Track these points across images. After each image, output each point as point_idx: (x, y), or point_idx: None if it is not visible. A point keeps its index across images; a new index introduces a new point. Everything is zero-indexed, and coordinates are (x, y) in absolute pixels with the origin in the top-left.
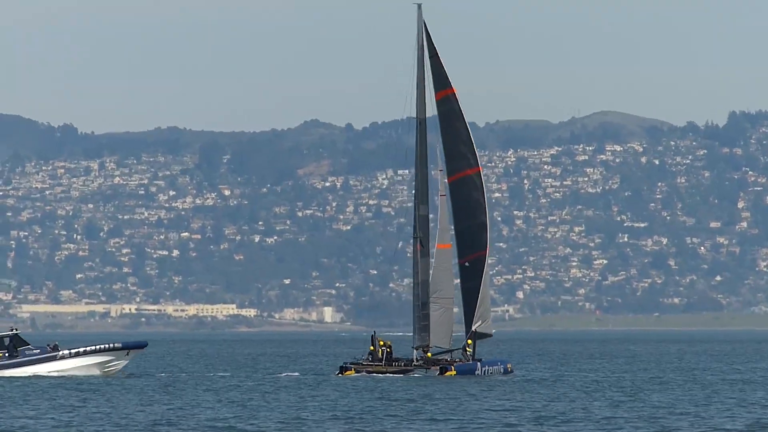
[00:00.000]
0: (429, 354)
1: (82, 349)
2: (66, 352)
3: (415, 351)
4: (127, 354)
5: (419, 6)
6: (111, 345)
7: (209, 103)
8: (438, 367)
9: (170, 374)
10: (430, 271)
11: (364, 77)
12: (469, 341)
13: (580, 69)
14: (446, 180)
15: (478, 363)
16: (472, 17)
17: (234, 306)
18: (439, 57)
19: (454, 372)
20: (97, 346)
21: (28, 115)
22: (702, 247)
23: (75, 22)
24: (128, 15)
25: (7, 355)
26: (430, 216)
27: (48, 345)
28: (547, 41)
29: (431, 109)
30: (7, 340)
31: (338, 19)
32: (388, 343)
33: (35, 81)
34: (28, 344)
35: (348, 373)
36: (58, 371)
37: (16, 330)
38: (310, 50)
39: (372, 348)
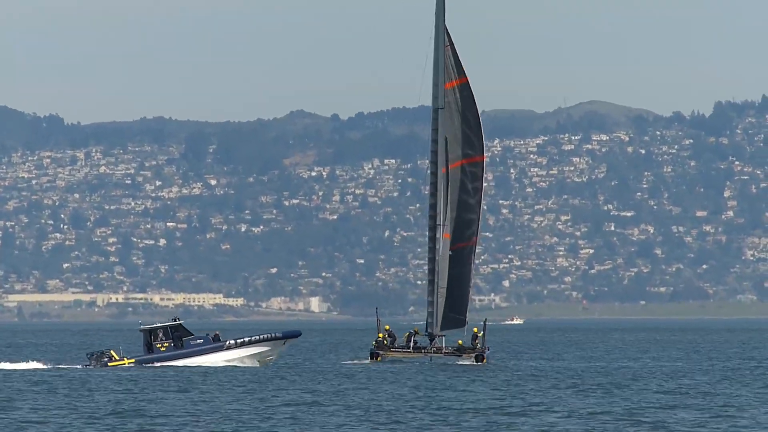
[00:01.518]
0: (460, 342)
1: (246, 339)
2: (231, 342)
3: (444, 339)
4: (284, 344)
5: None
6: (273, 335)
7: (195, 93)
8: (473, 355)
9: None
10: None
11: (350, 68)
12: (476, 329)
13: (566, 59)
14: (443, 169)
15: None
16: (457, 9)
17: (221, 295)
18: (454, 47)
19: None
20: (261, 336)
21: (14, 106)
22: (688, 236)
23: (61, 13)
24: (115, 6)
25: (172, 345)
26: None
27: (208, 334)
28: (533, 32)
29: (426, 99)
30: (171, 330)
31: (325, 11)
32: (415, 329)
33: (21, 71)
34: (192, 334)
35: (379, 359)
36: (224, 361)
37: (180, 320)
38: (297, 41)
39: (381, 336)
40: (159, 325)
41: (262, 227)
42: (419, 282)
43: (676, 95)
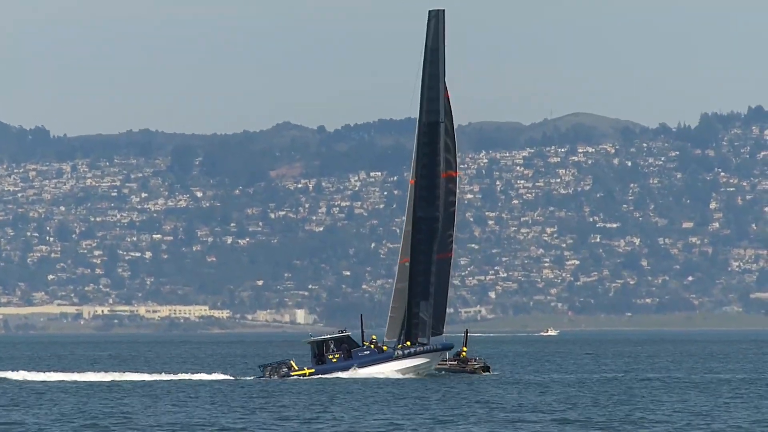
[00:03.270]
0: (464, 353)
1: (412, 350)
2: (399, 352)
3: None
4: (440, 355)
5: (443, 12)
6: (434, 346)
7: (181, 106)
8: (480, 367)
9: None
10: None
11: (336, 80)
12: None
13: (552, 71)
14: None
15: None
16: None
17: (206, 307)
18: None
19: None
20: (424, 347)
21: None
22: (674, 248)
23: (47, 25)
24: (101, 19)
25: (342, 356)
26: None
27: (369, 344)
28: (519, 43)
29: (415, 111)
30: (340, 342)
31: (310, 23)
32: (407, 342)
33: (7, 83)
34: (359, 345)
35: None
36: (392, 371)
37: (347, 332)
38: (283, 53)
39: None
40: (329, 336)
41: (248, 239)
42: None
43: (663, 107)
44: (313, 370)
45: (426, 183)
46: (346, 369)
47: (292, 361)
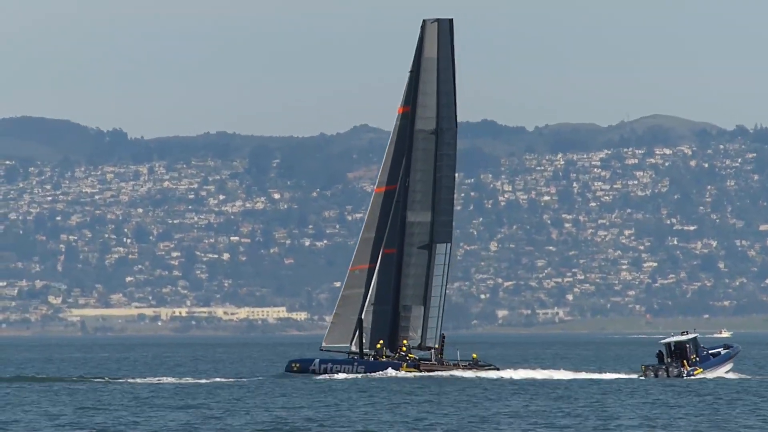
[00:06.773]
0: (475, 355)
1: (733, 352)
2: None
3: (458, 352)
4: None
5: (450, 21)
6: (738, 349)
7: (259, 108)
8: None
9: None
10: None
11: None
12: (437, 345)
13: (630, 72)
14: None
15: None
16: (521, 24)
17: (284, 309)
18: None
19: None
20: (738, 350)
21: (77, 120)
22: (751, 250)
23: (125, 28)
24: (178, 21)
25: (696, 357)
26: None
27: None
28: (596, 45)
29: (491, 114)
30: (694, 344)
31: (388, 26)
32: (405, 341)
33: (85, 86)
34: (703, 346)
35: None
36: (726, 372)
37: (695, 333)
38: (360, 55)
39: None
40: (684, 338)
41: (325, 241)
42: (483, 296)
43: (740, 109)
44: (701, 369)
45: (425, 188)
46: (713, 366)
47: (685, 361)
